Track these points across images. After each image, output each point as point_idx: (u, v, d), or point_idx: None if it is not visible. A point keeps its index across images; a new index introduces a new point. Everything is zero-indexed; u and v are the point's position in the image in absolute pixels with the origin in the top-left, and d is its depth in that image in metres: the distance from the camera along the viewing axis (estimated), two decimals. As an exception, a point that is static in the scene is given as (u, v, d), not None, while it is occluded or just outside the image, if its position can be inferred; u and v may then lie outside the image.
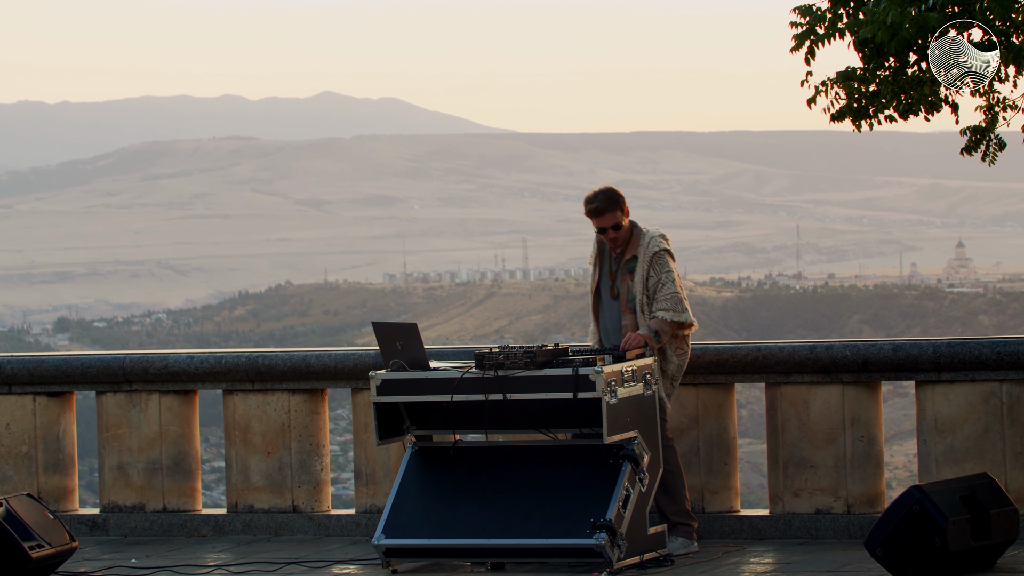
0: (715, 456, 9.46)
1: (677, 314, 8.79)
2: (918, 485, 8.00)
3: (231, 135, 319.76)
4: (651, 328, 8.77)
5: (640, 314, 8.85)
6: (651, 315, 8.83)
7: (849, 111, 8.88)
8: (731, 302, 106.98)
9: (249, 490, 10.10)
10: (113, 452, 10.30)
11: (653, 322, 8.79)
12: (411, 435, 8.88)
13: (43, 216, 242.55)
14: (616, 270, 8.97)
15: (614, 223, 8.89)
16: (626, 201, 8.96)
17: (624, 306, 8.92)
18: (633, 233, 8.97)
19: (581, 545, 8.27)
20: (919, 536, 7.83)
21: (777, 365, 9.27)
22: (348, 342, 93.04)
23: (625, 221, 8.94)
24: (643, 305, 8.85)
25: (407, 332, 8.78)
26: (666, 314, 8.77)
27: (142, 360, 10.22)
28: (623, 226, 8.92)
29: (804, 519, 9.27)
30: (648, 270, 8.87)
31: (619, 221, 8.90)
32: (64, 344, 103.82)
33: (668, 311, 8.79)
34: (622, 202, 8.92)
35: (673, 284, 8.85)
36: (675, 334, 8.86)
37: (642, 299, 8.85)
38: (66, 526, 8.98)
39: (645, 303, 8.85)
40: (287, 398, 10.03)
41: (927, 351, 9.06)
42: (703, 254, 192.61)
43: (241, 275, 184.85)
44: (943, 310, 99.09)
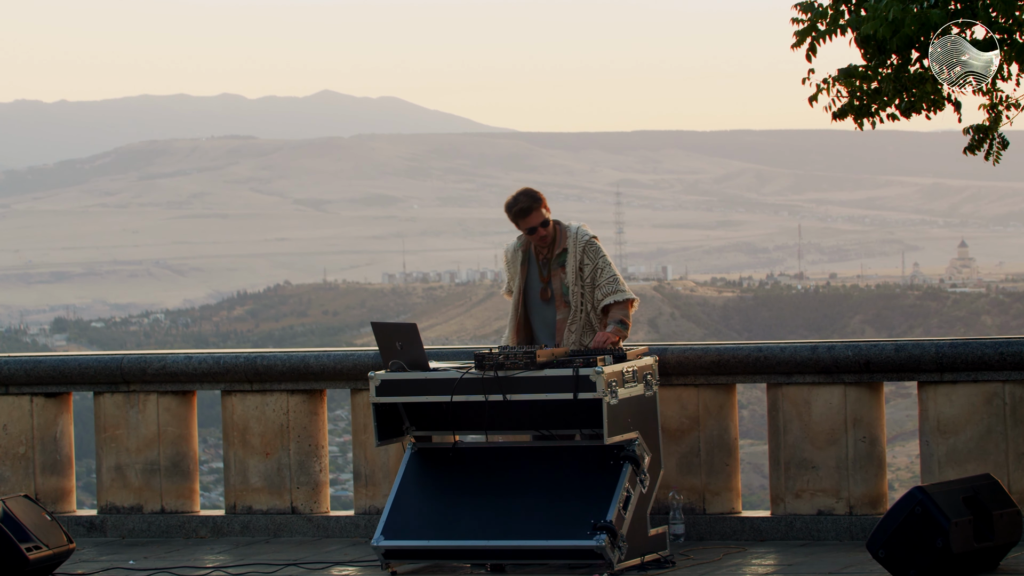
0: (716, 457, 9.42)
1: (623, 294, 8.82)
2: (920, 486, 7.98)
3: (229, 134, 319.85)
4: (613, 320, 8.78)
5: (577, 306, 8.83)
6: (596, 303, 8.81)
7: (851, 109, 8.84)
8: (732, 302, 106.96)
9: (247, 491, 10.07)
10: (111, 453, 10.27)
11: (613, 313, 8.80)
12: (410, 436, 8.85)
13: (40, 216, 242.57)
14: (548, 272, 8.96)
15: (542, 220, 8.90)
16: (546, 199, 8.97)
17: (558, 300, 8.91)
18: (558, 229, 8.98)
19: (581, 547, 8.24)
20: (921, 537, 7.80)
21: (778, 365, 9.23)
22: (347, 342, 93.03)
23: (549, 218, 8.94)
24: (577, 296, 8.84)
25: (406, 332, 8.75)
26: (616, 296, 8.80)
27: (140, 360, 10.19)
28: (549, 223, 8.93)
29: (806, 520, 9.23)
30: (582, 258, 8.87)
31: (545, 218, 8.91)
32: (61, 344, 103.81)
33: (614, 293, 8.82)
34: (543, 200, 8.94)
35: (610, 267, 8.89)
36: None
37: (575, 289, 8.85)
38: (63, 527, 8.95)
39: (581, 292, 8.84)
40: (286, 399, 10.00)
41: (929, 351, 9.03)
42: (704, 254, 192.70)
43: (239, 275, 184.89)
44: (945, 310, 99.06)
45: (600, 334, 8.77)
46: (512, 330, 9.06)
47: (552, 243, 8.98)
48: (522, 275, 9.03)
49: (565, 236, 8.96)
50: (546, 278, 8.97)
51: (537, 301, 9.00)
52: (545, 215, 8.90)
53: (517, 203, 8.89)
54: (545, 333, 9.01)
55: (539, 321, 9.02)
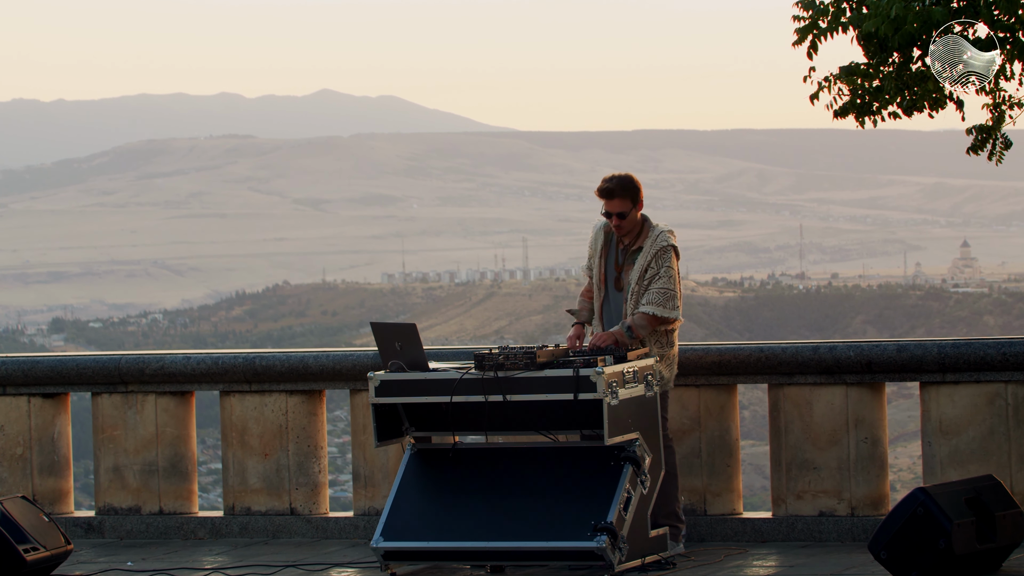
0: (717, 458, 9.39)
1: (663, 309, 8.68)
2: (922, 487, 7.95)
3: (228, 133, 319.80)
4: (625, 324, 8.69)
5: (630, 302, 8.78)
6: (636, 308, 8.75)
7: (852, 107, 8.80)
8: (733, 302, 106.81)
9: (246, 492, 10.04)
10: (109, 454, 10.24)
11: (631, 317, 8.72)
12: (410, 437, 8.82)
13: (38, 215, 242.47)
14: (623, 262, 8.90)
15: (621, 210, 8.81)
16: (642, 194, 8.87)
17: (627, 295, 8.85)
18: (644, 226, 8.90)
19: (582, 548, 8.20)
20: (923, 539, 7.77)
21: (780, 366, 9.20)
22: (346, 343, 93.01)
23: (637, 214, 8.86)
24: (636, 295, 8.78)
25: (406, 333, 8.71)
26: (651, 308, 8.69)
27: (138, 361, 10.16)
28: (629, 216, 8.83)
29: (807, 522, 9.20)
30: (650, 261, 8.79)
31: (627, 210, 8.82)
32: (59, 345, 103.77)
33: (654, 304, 8.70)
34: (637, 193, 8.83)
35: (670, 280, 8.74)
36: (656, 329, 8.76)
37: (636, 288, 8.78)
38: (61, 528, 8.93)
39: (637, 292, 8.77)
40: (285, 399, 9.97)
41: (932, 352, 8.99)
42: (705, 254, 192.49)
43: (238, 275, 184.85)
44: (948, 310, 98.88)
45: (598, 334, 8.72)
46: (597, 312, 8.97)
47: (634, 237, 8.89)
48: (602, 257, 8.98)
49: (647, 236, 8.87)
50: (620, 267, 8.92)
51: (612, 288, 8.95)
52: (628, 207, 8.79)
53: (608, 182, 8.85)
54: (611, 321, 8.94)
55: (610, 308, 8.95)
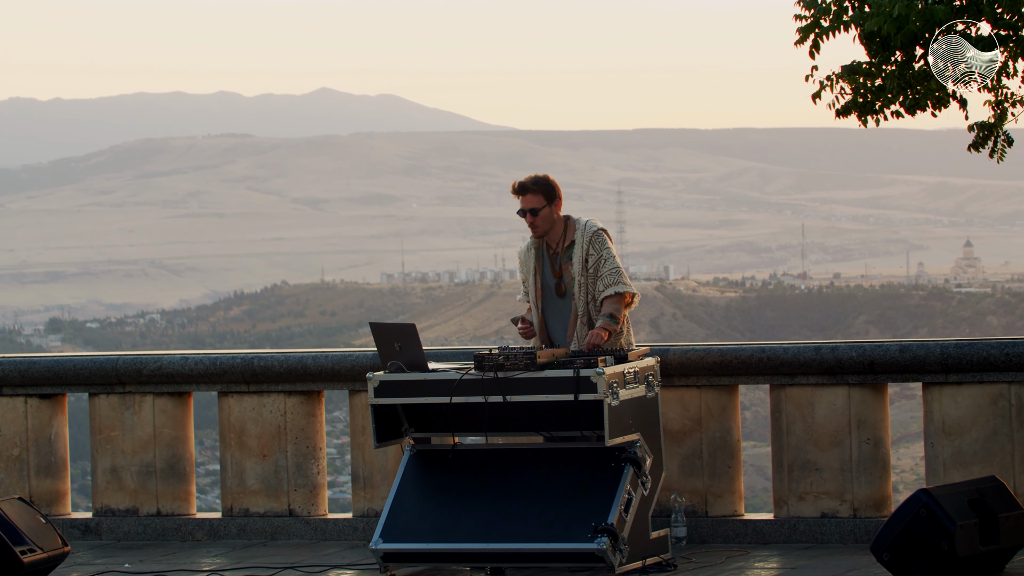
0: (718, 459, 9.35)
1: (623, 286, 8.73)
2: (925, 488, 7.91)
3: (226, 132, 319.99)
4: (604, 314, 8.70)
5: (580, 298, 8.76)
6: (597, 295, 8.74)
7: (855, 106, 8.75)
8: (735, 302, 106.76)
9: (244, 494, 10.00)
10: (106, 455, 10.21)
11: (604, 306, 8.72)
12: (409, 438, 8.79)
13: (35, 215, 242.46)
14: (559, 266, 8.89)
15: (533, 206, 8.82)
16: (560, 195, 8.88)
17: (572, 294, 8.82)
18: (568, 224, 8.90)
19: (582, 549, 8.16)
20: (926, 540, 7.74)
21: (782, 366, 9.16)
22: (345, 343, 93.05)
23: (555, 213, 8.85)
24: (581, 286, 8.76)
25: (405, 333, 8.67)
26: (613, 288, 8.71)
27: (135, 361, 10.13)
28: (542, 213, 8.81)
29: (809, 523, 9.16)
30: (588, 249, 8.79)
31: (540, 206, 8.81)
32: (56, 345, 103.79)
33: (614, 285, 8.73)
34: (552, 191, 8.84)
35: (614, 259, 8.80)
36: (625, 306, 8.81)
37: (580, 279, 8.77)
38: (58, 530, 8.88)
39: (584, 283, 8.76)
40: (283, 400, 9.94)
41: (934, 352, 8.95)
42: (706, 253, 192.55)
43: (236, 275, 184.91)
44: (951, 310, 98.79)
45: (591, 333, 8.68)
46: (538, 327, 8.96)
47: (562, 237, 8.88)
48: (537, 272, 8.96)
49: (574, 229, 8.88)
50: (558, 272, 8.90)
51: (553, 297, 8.93)
52: (541, 203, 8.79)
53: (522, 180, 8.87)
54: (562, 330, 8.92)
55: (555, 318, 8.94)
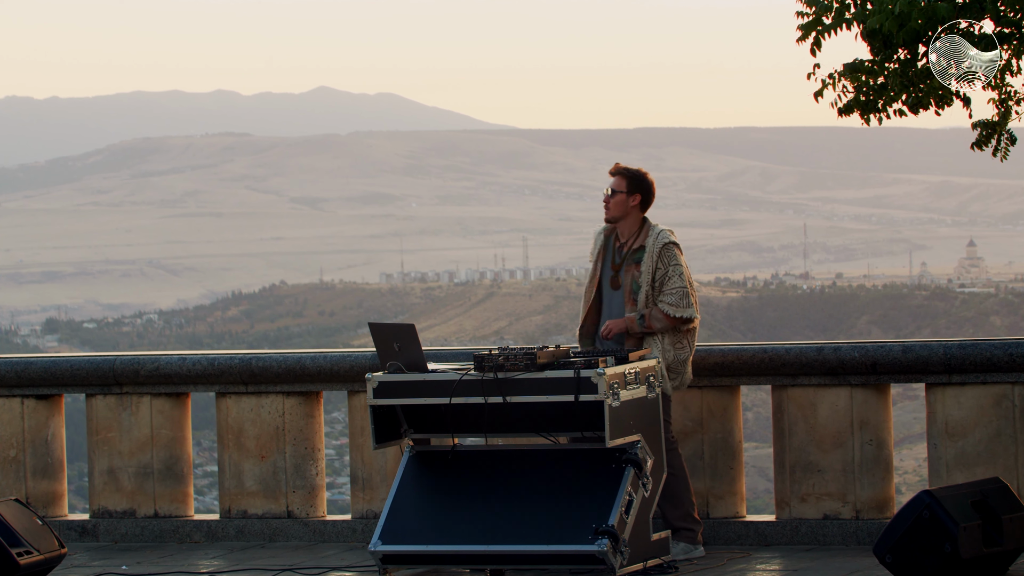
0: (720, 460, 9.31)
1: (679, 309, 8.71)
2: (928, 490, 7.88)
3: (224, 131, 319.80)
4: (639, 312, 8.72)
5: (644, 305, 8.77)
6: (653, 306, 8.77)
7: (857, 104, 8.71)
8: (736, 302, 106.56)
9: (242, 495, 9.96)
10: (103, 456, 10.17)
11: (648, 310, 8.74)
12: (408, 439, 8.74)
13: (31, 214, 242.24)
14: (620, 261, 8.89)
15: (615, 187, 8.88)
16: (650, 194, 8.90)
17: (627, 296, 8.83)
18: (643, 226, 8.91)
19: (583, 551, 8.11)
20: (929, 542, 7.71)
21: (784, 367, 9.13)
22: (344, 343, 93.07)
23: (633, 204, 8.87)
24: (648, 296, 8.77)
25: (404, 333, 8.63)
26: (668, 308, 8.72)
27: (133, 362, 10.09)
28: (617, 197, 8.86)
29: (811, 525, 9.13)
30: (656, 261, 8.79)
31: (620, 189, 8.86)
32: (53, 345, 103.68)
33: (671, 305, 8.73)
34: (640, 183, 8.89)
35: (681, 278, 8.75)
36: (675, 327, 8.77)
37: (647, 290, 8.77)
38: (55, 532, 8.84)
39: (650, 294, 8.77)
40: (281, 401, 9.90)
41: (937, 352, 8.92)
42: (708, 253, 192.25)
43: (234, 275, 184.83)
44: (954, 311, 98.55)
45: (612, 320, 8.74)
46: (583, 313, 9.00)
47: (634, 236, 8.91)
48: (600, 260, 9.00)
49: (647, 234, 8.89)
50: (617, 266, 8.93)
51: (608, 288, 8.97)
52: (621, 185, 8.86)
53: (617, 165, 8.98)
54: (610, 318, 8.92)
55: (607, 307, 8.96)
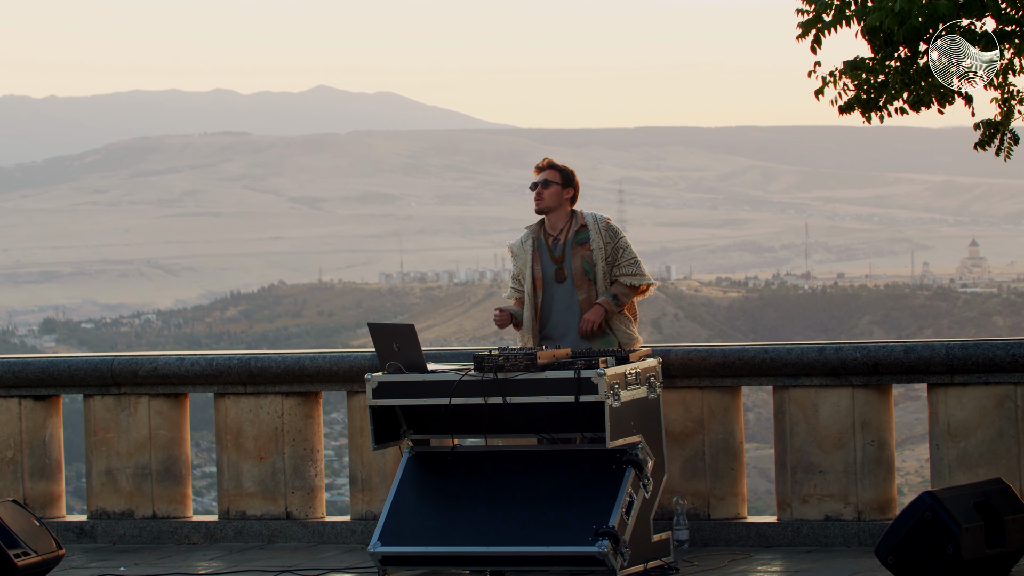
0: (721, 461, 9.28)
1: (638, 277, 8.84)
2: (930, 491, 7.85)
3: (222, 130, 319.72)
4: (609, 293, 8.78)
5: (602, 282, 8.81)
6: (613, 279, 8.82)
7: (858, 103, 8.68)
8: (737, 302, 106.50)
9: (241, 496, 9.93)
10: (101, 457, 10.13)
11: (614, 287, 8.81)
12: (408, 439, 8.72)
13: (29, 214, 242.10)
14: (562, 251, 8.90)
15: (546, 179, 8.91)
16: (577, 186, 8.97)
17: (579, 279, 8.84)
18: (574, 215, 8.97)
19: (583, 553, 8.08)
20: (931, 544, 7.68)
21: (785, 367, 9.09)
22: (343, 344, 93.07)
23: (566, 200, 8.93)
24: (604, 272, 8.83)
25: (404, 333, 8.60)
26: (630, 279, 8.81)
27: (131, 362, 10.06)
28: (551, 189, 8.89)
29: (813, 526, 9.10)
30: (605, 236, 8.87)
31: (553, 179, 8.89)
32: (51, 346, 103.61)
33: (630, 276, 8.83)
34: (570, 178, 8.96)
35: (631, 249, 8.90)
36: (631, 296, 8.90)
37: (603, 266, 8.83)
38: (53, 533, 8.82)
39: (606, 270, 8.83)
40: (280, 401, 9.87)
41: (939, 353, 8.88)
42: (709, 253, 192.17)
43: (233, 275, 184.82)
44: (956, 311, 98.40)
45: (589, 312, 8.76)
46: (530, 318, 8.93)
47: (567, 226, 8.93)
48: (535, 261, 8.96)
49: (582, 217, 8.95)
50: (559, 258, 8.90)
51: (553, 284, 8.93)
52: (554, 176, 8.90)
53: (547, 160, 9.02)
54: (562, 315, 8.90)
55: (556, 304, 8.93)
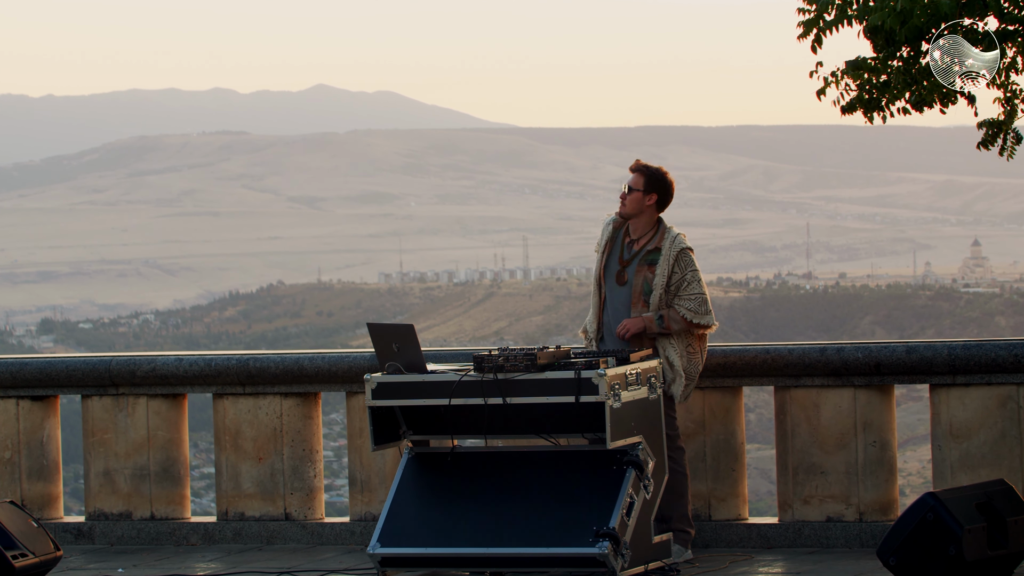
0: (722, 462, 9.25)
1: (699, 316, 8.66)
2: (932, 492, 7.82)
3: (221, 130, 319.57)
4: (659, 313, 8.65)
5: (657, 307, 8.70)
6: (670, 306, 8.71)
7: (860, 102, 8.64)
8: (739, 302, 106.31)
9: (240, 497, 9.90)
10: (99, 458, 10.11)
11: (668, 310, 8.67)
12: (407, 440, 8.69)
13: (26, 214, 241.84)
14: (630, 258, 8.82)
15: (632, 185, 8.81)
16: (668, 194, 8.84)
17: (636, 296, 8.74)
18: (658, 227, 8.84)
19: (583, 554, 8.05)
20: (933, 545, 7.65)
21: (786, 368, 9.06)
22: (342, 344, 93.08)
23: (650, 206, 8.80)
24: (660, 300, 8.69)
25: (403, 334, 8.57)
26: (688, 314, 8.66)
27: (129, 363, 10.03)
28: (634, 195, 8.79)
29: (814, 527, 9.07)
30: (673, 266, 8.72)
31: (638, 186, 8.78)
32: (48, 346, 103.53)
33: (690, 311, 8.67)
34: (659, 183, 8.81)
35: (699, 284, 8.72)
36: (690, 331, 8.72)
37: (660, 294, 8.70)
38: (50, 534, 8.81)
39: (663, 298, 8.69)
40: (279, 402, 9.84)
41: (942, 353, 8.85)
42: (710, 253, 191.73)
43: (231, 275, 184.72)
44: (958, 311, 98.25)
45: (629, 318, 8.66)
46: (594, 306, 8.90)
47: (647, 236, 8.84)
48: (605, 252, 8.92)
49: (663, 237, 8.81)
50: (626, 263, 8.84)
51: (612, 283, 8.89)
52: (639, 183, 8.78)
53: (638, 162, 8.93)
54: (610, 318, 8.85)
55: (609, 304, 8.88)
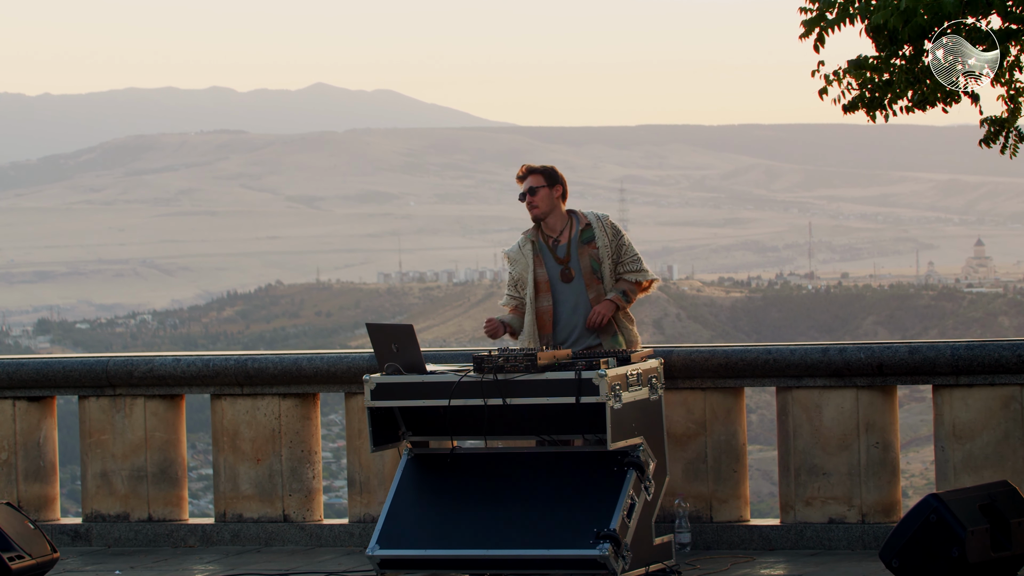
0: (724, 463, 9.22)
1: (643, 275, 8.85)
2: (935, 493, 7.79)
3: (219, 128, 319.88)
4: (619, 290, 8.79)
5: (609, 279, 8.83)
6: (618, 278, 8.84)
7: (862, 101, 8.60)
8: (740, 303, 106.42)
9: (238, 498, 9.87)
10: (96, 459, 10.07)
11: (619, 284, 8.82)
12: (407, 441, 8.66)
13: (23, 213, 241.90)
14: (564, 253, 8.87)
15: (532, 186, 8.86)
16: (566, 185, 8.95)
17: (588, 277, 8.82)
18: (573, 215, 8.95)
19: (584, 556, 8.02)
20: (936, 547, 7.62)
21: (788, 368, 9.03)
22: (341, 344, 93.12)
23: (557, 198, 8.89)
24: (610, 269, 8.83)
25: (402, 334, 8.54)
26: (635, 276, 8.83)
27: (126, 363, 10.00)
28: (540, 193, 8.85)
29: (816, 529, 9.03)
30: (610, 233, 8.88)
31: (538, 185, 8.86)
32: (45, 346, 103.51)
33: (634, 272, 8.84)
34: (555, 178, 8.91)
35: (632, 246, 8.91)
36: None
37: (609, 263, 8.84)
38: (47, 536, 8.77)
39: (611, 268, 8.84)
40: (278, 403, 9.80)
41: (945, 354, 8.82)
42: (711, 252, 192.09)
43: (229, 274, 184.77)
44: (961, 311, 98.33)
45: (597, 307, 8.74)
46: (531, 322, 8.87)
47: (567, 226, 8.91)
48: (537, 265, 8.92)
49: (583, 217, 8.93)
50: (564, 259, 8.87)
51: (560, 284, 8.90)
52: (539, 181, 8.86)
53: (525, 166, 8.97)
54: (568, 316, 8.86)
55: (564, 305, 8.89)
